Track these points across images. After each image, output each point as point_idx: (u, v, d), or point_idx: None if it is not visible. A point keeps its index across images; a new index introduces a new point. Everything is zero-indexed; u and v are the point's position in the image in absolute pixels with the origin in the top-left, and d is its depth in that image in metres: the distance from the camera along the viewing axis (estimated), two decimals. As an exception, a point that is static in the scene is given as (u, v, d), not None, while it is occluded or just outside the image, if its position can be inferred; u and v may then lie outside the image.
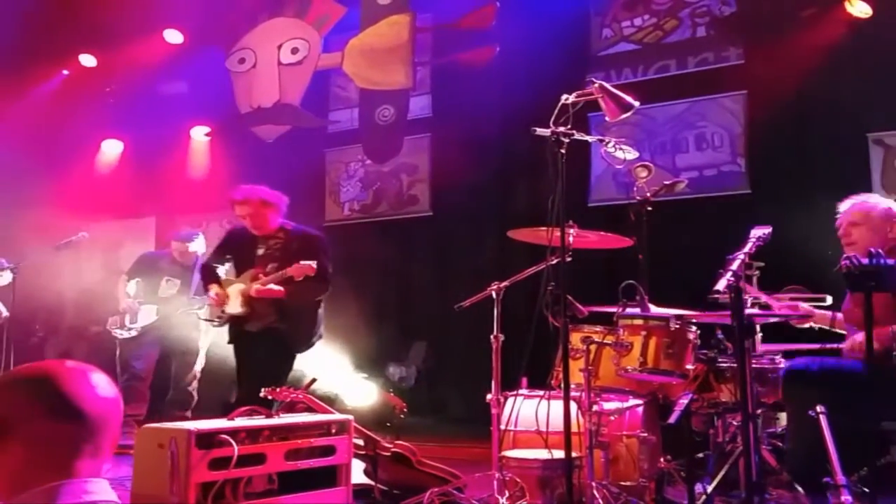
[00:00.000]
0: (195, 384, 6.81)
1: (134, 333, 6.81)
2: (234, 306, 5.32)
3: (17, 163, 8.78)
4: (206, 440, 3.47)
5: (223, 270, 5.58)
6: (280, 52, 9.88)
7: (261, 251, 5.39)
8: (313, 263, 5.02)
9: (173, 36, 9.90)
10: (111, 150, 10.38)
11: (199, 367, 6.83)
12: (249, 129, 9.98)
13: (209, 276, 5.56)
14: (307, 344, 5.43)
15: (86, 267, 8.38)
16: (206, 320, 5.66)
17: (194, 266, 6.82)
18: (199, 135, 10.08)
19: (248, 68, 10.10)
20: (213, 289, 5.41)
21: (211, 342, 6.88)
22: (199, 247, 6.99)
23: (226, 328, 5.52)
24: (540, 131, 3.65)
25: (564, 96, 3.68)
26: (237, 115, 10.07)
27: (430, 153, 8.82)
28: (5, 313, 6.33)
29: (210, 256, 5.77)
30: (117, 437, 1.60)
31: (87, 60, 10.13)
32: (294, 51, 9.81)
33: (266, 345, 5.29)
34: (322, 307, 5.48)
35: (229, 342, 5.52)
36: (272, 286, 5.15)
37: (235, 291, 5.34)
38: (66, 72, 10.23)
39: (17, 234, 7.53)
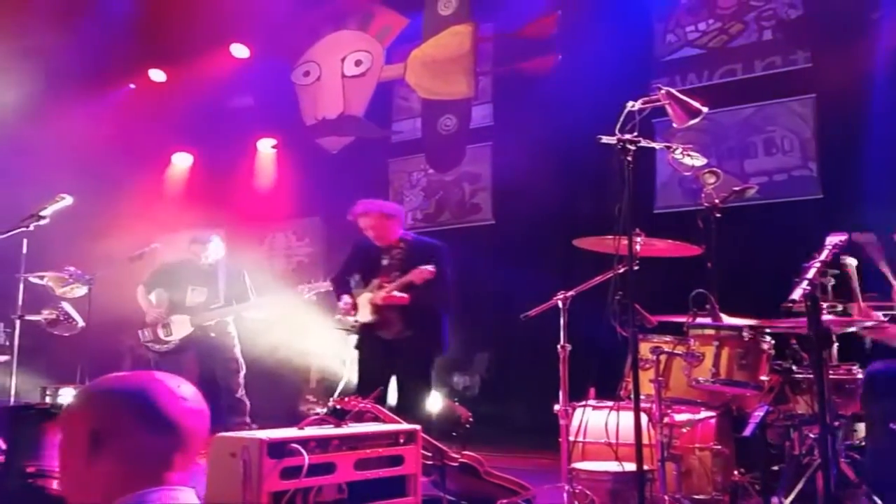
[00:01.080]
0: (242, 390, 6.84)
1: (171, 346, 6.84)
2: (364, 315, 5.55)
3: (91, 175, 9.04)
4: (278, 449, 3.51)
5: (353, 282, 5.82)
6: (344, 64, 10.00)
7: (385, 261, 5.60)
8: (431, 267, 5.26)
9: (240, 50, 10.12)
10: (181, 162, 10.62)
11: (243, 373, 6.85)
12: (314, 140, 10.12)
13: (341, 286, 5.80)
14: (439, 350, 5.63)
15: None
16: (341, 329, 5.97)
17: (217, 271, 6.85)
18: (266, 147, 10.26)
19: (313, 81, 10.24)
20: (345, 298, 5.64)
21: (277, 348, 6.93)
22: (218, 249, 6.95)
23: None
24: (605, 139, 3.62)
25: (630, 103, 3.65)
26: (302, 127, 10.23)
27: (492, 162, 8.82)
28: (81, 324, 6.50)
29: (341, 269, 5.96)
30: (203, 447, 1.63)
31: (157, 76, 10.39)
32: (357, 63, 9.92)
33: (398, 351, 5.49)
34: (448, 315, 5.68)
35: (356, 347, 5.74)
36: (396, 293, 5.36)
37: (364, 301, 5.56)
38: (132, 86, 10.50)
39: (92, 246, 7.73)
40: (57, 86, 8.28)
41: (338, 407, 4.31)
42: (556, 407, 4.12)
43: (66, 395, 7.11)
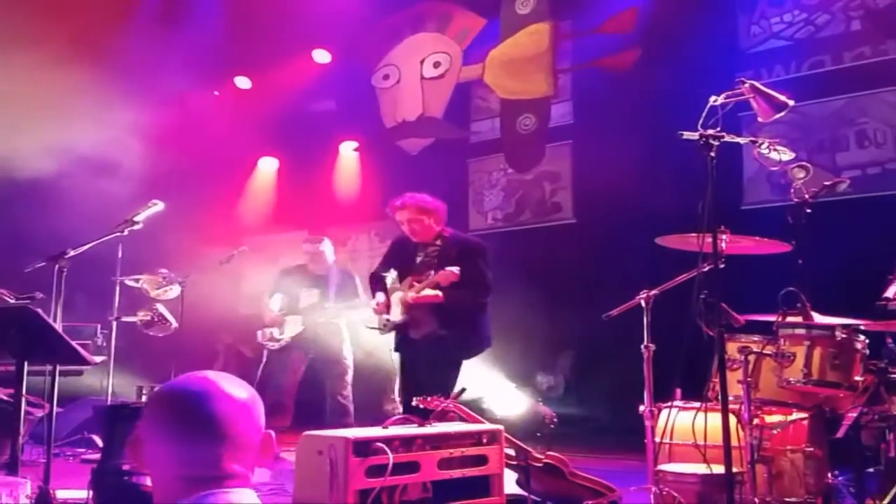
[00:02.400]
0: (347, 392, 6.93)
1: (283, 344, 7.00)
2: (396, 314, 5.37)
3: (182, 180, 9.34)
4: (363, 448, 3.56)
5: (390, 279, 5.56)
6: (423, 66, 10.08)
7: (419, 258, 5.42)
8: (456, 269, 5.02)
9: (322, 56, 10.31)
10: (267, 167, 10.87)
11: (349, 376, 6.96)
12: (395, 142, 10.23)
13: (376, 284, 5.60)
14: (471, 351, 5.39)
15: (246, 280, 8.78)
16: (371, 328, 5.68)
17: (328, 273, 6.98)
18: (348, 150, 10.42)
19: (393, 84, 10.35)
20: (379, 296, 5.47)
21: (369, 349, 7.02)
22: (329, 251, 7.09)
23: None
24: (688, 135, 3.56)
25: (713, 97, 3.59)
26: (383, 130, 10.35)
27: (572, 160, 8.76)
28: (174, 324, 6.73)
29: (378, 266, 5.77)
30: (260, 442, 1.61)
31: (243, 83, 10.67)
32: (436, 65, 9.98)
33: (429, 353, 5.26)
34: (486, 313, 5.42)
35: (395, 350, 5.58)
36: (427, 292, 5.15)
37: (396, 300, 5.38)
38: (216, 93, 10.80)
39: (183, 249, 7.98)
40: (145, 94, 8.57)
41: (421, 406, 4.34)
42: (641, 408, 4.07)
43: (161, 395, 7.35)
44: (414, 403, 4.43)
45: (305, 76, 10.28)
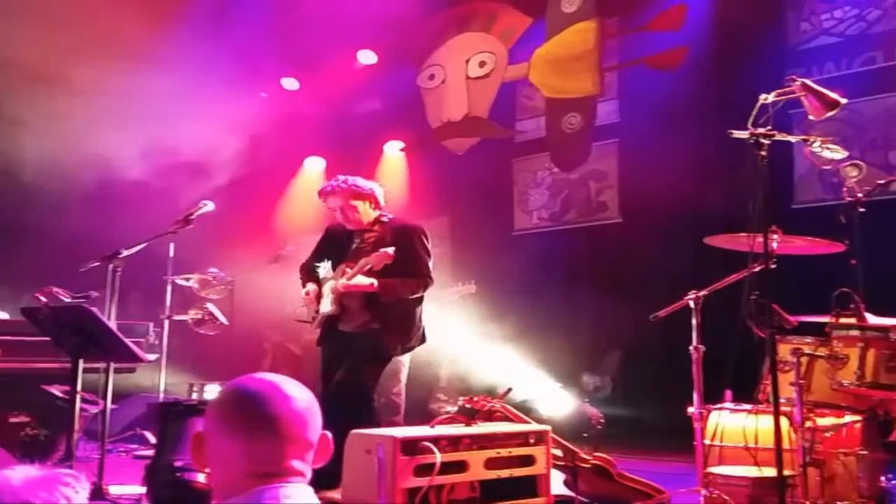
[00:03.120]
0: (398, 389, 6.95)
1: None
2: (326, 305, 4.88)
3: (230, 180, 9.48)
4: (410, 447, 3.59)
5: (323, 270, 5.05)
6: (468, 66, 10.10)
7: (354, 245, 4.94)
8: (391, 250, 4.55)
9: (367, 56, 10.38)
10: (314, 167, 10.97)
11: (404, 374, 6.98)
12: (440, 142, 10.25)
13: (306, 275, 5.10)
14: (405, 347, 4.92)
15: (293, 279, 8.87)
16: (301, 321, 5.29)
17: None
18: (393, 150, 10.46)
19: (438, 84, 10.38)
20: (309, 286, 4.97)
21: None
22: None
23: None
24: (738, 134, 3.53)
25: (763, 96, 3.54)
26: (428, 130, 10.39)
27: (618, 159, 8.71)
28: (224, 323, 6.84)
29: (309, 257, 5.23)
30: (318, 442, 1.67)
31: (290, 84, 10.78)
32: (481, 64, 9.99)
33: (358, 345, 4.79)
34: (421, 306, 4.96)
35: (318, 344, 5.08)
36: (360, 279, 4.65)
37: (327, 290, 4.90)
38: (264, 94, 10.92)
39: (232, 249, 8.10)
40: (194, 97, 8.71)
41: (468, 406, 4.35)
42: (690, 409, 4.04)
43: (212, 392, 7.49)
44: (461, 403, 4.44)
45: (351, 77, 10.35)
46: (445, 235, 9.80)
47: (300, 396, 1.67)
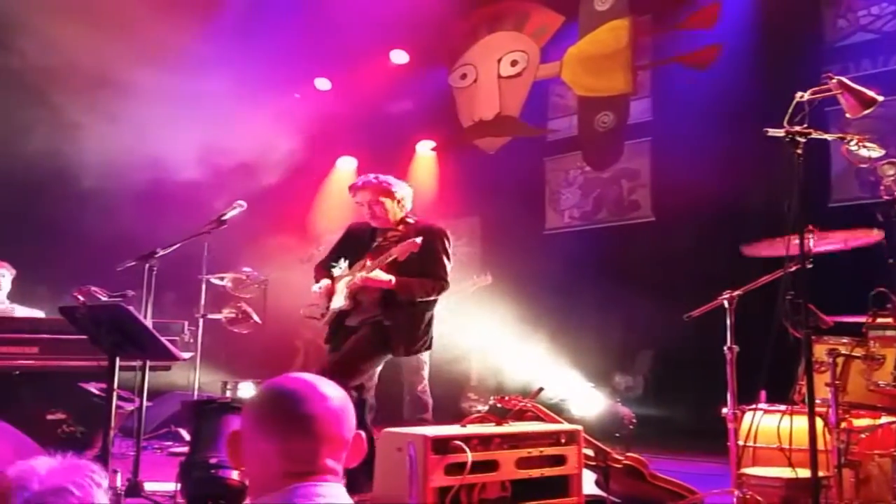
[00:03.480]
0: (423, 386, 6.97)
1: None
2: (338, 300, 4.82)
3: (264, 181, 9.56)
4: (441, 446, 3.60)
5: (338, 269, 5.02)
6: (500, 65, 10.09)
7: (376, 242, 4.89)
8: (418, 240, 4.49)
9: (399, 56, 10.41)
10: (346, 166, 11.02)
11: (426, 371, 7.00)
12: (471, 141, 10.26)
13: (321, 272, 5.05)
14: (409, 348, 4.82)
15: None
16: (310, 317, 5.24)
17: None
18: (425, 149, 10.49)
19: (470, 83, 10.39)
20: (323, 282, 4.94)
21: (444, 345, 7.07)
22: None
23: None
24: (773, 132, 3.49)
25: (798, 94, 3.50)
26: (460, 129, 10.39)
27: (651, 157, 8.65)
28: (258, 321, 6.91)
29: (327, 255, 5.19)
30: (352, 441, 1.69)
31: (322, 84, 10.84)
32: (513, 63, 9.98)
33: (360, 335, 4.72)
34: (432, 311, 4.89)
35: (325, 342, 5.06)
36: (379, 274, 4.59)
37: (342, 286, 4.84)
38: (297, 95, 10.99)
39: (266, 248, 8.17)
40: (229, 97, 8.79)
41: (499, 405, 4.35)
42: (724, 410, 4.00)
43: (245, 389, 7.56)
44: (492, 402, 4.44)
45: (383, 77, 10.38)
46: (476, 235, 9.80)
47: (335, 396, 1.69)
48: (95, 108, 7.86)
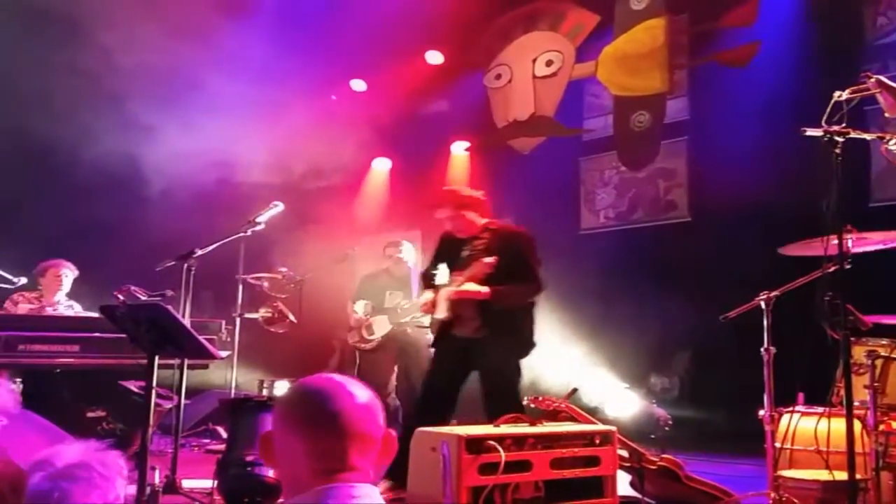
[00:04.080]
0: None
1: (374, 344, 7.13)
2: (441, 311, 5.08)
3: (300, 182, 9.65)
4: (475, 445, 3.61)
5: (440, 276, 5.27)
6: (535, 65, 10.07)
7: (465, 253, 5.10)
8: (490, 260, 4.71)
9: (434, 57, 10.44)
10: (381, 167, 11.08)
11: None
12: (506, 142, 10.25)
13: (426, 282, 5.34)
14: (519, 353, 4.98)
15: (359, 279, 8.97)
16: (422, 327, 5.54)
17: (411, 275, 7.07)
18: (460, 150, 10.50)
19: (505, 83, 10.38)
20: (426, 295, 5.23)
21: None
22: (410, 253, 7.19)
23: None
24: (811, 131, 3.45)
25: (837, 93, 3.46)
26: (494, 130, 10.39)
27: (687, 157, 8.57)
28: (294, 321, 6.97)
29: (428, 264, 5.47)
30: (382, 440, 1.70)
31: (358, 86, 10.90)
32: (548, 63, 9.95)
33: (483, 355, 4.94)
34: (532, 314, 5.04)
35: (431, 346, 5.34)
36: (469, 286, 4.81)
37: (443, 296, 5.10)
38: (334, 97, 11.07)
39: (302, 248, 8.24)
40: (267, 99, 8.87)
41: (533, 406, 4.35)
42: (761, 412, 3.97)
43: (282, 388, 7.63)
44: (526, 402, 4.44)
45: (418, 78, 10.42)
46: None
47: (362, 395, 1.70)
48: (164, 111, 8.01)
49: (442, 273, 5.15)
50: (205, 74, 8.23)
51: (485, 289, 4.78)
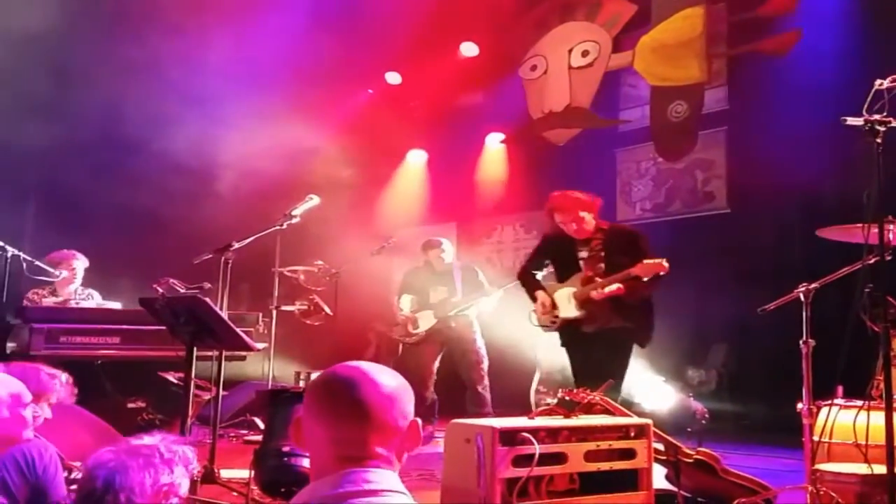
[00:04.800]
0: (485, 382, 7.00)
1: (418, 338, 7.15)
2: (569, 310, 5.33)
3: (334, 175, 9.69)
4: (509, 437, 3.60)
5: (541, 276, 5.64)
6: (570, 56, 10.01)
7: (584, 254, 5.36)
8: (664, 262, 4.95)
9: (469, 49, 10.42)
10: (416, 159, 11.10)
11: (485, 365, 7.03)
12: (541, 133, 10.20)
13: (532, 283, 5.61)
14: (641, 340, 5.34)
15: (394, 271, 9.01)
16: (540, 326, 5.60)
17: (453, 271, 7.08)
18: (495, 142, 10.48)
19: (540, 75, 10.33)
20: (541, 296, 5.47)
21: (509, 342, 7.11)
22: (448, 253, 7.20)
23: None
24: (852, 121, 3.39)
25: (878, 81, 3.40)
26: (530, 121, 10.35)
27: (726, 147, 8.48)
28: (330, 313, 7.01)
29: (528, 263, 5.75)
30: (407, 429, 1.72)
31: (393, 78, 10.93)
32: (584, 53, 9.88)
33: (603, 344, 5.26)
34: (653, 304, 5.38)
35: (562, 345, 5.56)
36: (612, 287, 5.10)
37: (566, 295, 5.35)
38: (370, 91, 11.12)
39: (337, 241, 8.28)
40: (300, 94, 8.93)
41: (567, 398, 4.34)
42: (799, 405, 3.92)
43: (317, 380, 7.68)
44: (560, 395, 4.42)
45: (453, 70, 10.41)
46: (546, 228, 9.74)
47: (388, 383, 1.71)
48: (199, 106, 8.13)
49: (545, 271, 5.57)
50: (240, 71, 8.32)
51: (620, 286, 5.07)
